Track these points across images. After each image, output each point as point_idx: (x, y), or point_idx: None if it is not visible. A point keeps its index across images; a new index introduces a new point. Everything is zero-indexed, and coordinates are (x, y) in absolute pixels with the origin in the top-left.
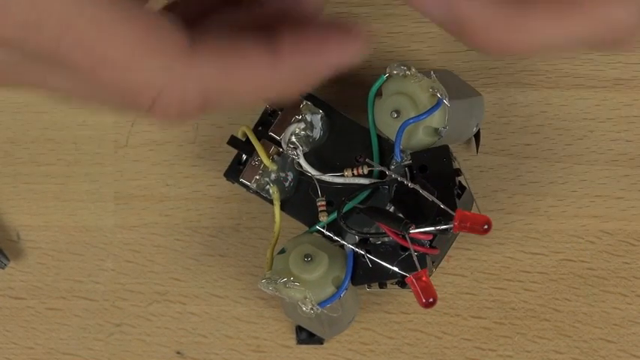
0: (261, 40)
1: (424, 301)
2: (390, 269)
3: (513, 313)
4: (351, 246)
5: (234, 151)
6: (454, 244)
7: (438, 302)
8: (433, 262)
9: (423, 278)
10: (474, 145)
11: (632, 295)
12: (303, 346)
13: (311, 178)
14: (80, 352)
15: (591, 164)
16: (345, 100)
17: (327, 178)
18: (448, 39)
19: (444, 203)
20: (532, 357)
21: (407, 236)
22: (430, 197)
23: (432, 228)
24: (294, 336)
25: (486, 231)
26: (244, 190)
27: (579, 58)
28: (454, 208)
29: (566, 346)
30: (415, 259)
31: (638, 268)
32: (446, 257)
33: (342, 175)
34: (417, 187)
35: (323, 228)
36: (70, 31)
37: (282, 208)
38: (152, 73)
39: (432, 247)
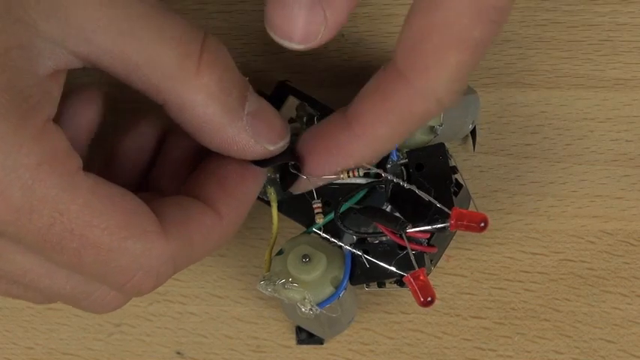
0: (203, 205)
1: (422, 300)
2: (388, 269)
3: (513, 313)
4: (348, 247)
5: None
6: (454, 244)
7: (438, 302)
8: (432, 261)
9: (421, 277)
10: (471, 143)
11: (632, 295)
12: (303, 346)
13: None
14: (80, 352)
15: (591, 164)
16: (343, 101)
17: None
18: None
19: (440, 201)
20: (532, 357)
21: (404, 235)
22: (426, 197)
23: (429, 227)
24: (294, 336)
25: (483, 229)
26: None
27: (579, 58)
28: (451, 206)
29: (566, 346)
30: (412, 258)
31: (638, 268)
32: (446, 257)
33: (346, 173)
34: (413, 188)
35: (319, 229)
36: (62, 218)
37: (280, 209)
38: (133, 257)
39: (429, 245)
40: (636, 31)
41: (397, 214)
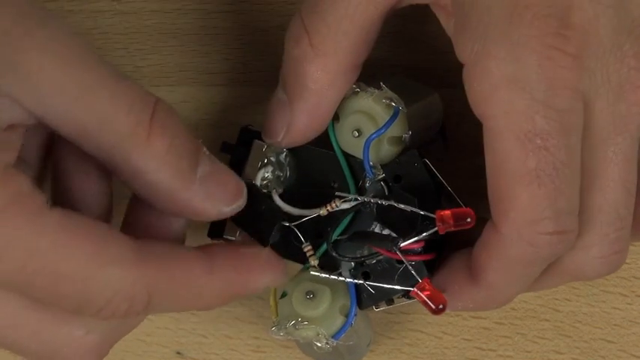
0: (197, 251)
1: (434, 308)
2: (393, 288)
3: (513, 313)
4: (348, 277)
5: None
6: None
7: None
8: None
9: (427, 287)
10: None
11: (632, 295)
12: None
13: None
14: None
15: None
16: None
17: (307, 212)
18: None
19: (425, 207)
20: (532, 357)
21: (398, 252)
22: (408, 208)
23: (421, 236)
24: None
25: (470, 224)
26: None
27: None
28: (437, 208)
29: (566, 346)
30: (412, 271)
31: (638, 268)
32: None
33: (325, 208)
34: (392, 203)
35: (316, 269)
36: (33, 258)
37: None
38: (107, 283)
39: (426, 253)
40: None
41: (388, 231)
